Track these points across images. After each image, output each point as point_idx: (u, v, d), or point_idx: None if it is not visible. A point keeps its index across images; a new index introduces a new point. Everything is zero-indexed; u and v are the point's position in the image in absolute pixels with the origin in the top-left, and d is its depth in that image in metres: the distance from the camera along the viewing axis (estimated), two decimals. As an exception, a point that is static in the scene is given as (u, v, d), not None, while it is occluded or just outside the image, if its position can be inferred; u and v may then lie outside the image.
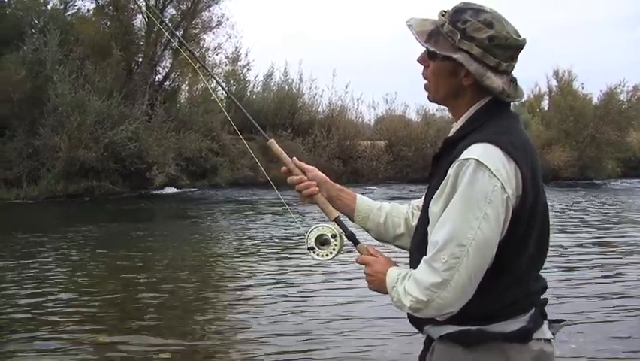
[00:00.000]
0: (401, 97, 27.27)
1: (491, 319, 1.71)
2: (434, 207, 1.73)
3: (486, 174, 1.62)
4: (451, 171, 1.68)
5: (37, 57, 21.18)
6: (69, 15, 25.58)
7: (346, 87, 31.57)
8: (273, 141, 2.21)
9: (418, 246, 1.84)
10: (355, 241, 2.01)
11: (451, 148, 1.77)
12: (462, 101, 1.82)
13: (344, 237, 2.03)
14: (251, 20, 57.93)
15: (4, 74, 20.21)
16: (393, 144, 27.56)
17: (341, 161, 27.09)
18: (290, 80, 29.36)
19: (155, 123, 21.89)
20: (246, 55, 28.96)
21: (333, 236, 2.03)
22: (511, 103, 1.82)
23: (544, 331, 1.79)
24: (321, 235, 2.04)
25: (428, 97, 1.92)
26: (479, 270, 1.64)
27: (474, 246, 1.61)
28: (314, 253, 2.04)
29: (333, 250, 2.02)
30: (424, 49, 1.82)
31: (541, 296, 1.85)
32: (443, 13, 1.80)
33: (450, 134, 1.85)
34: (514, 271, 1.71)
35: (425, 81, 1.87)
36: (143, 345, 5.57)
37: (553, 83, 33.06)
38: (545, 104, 35.24)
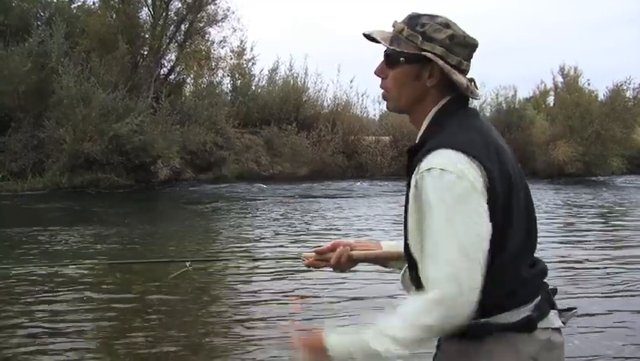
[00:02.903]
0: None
1: (494, 311, 1.71)
2: (411, 221, 1.77)
3: (452, 177, 1.65)
4: (413, 182, 1.74)
5: (42, 49, 21.19)
6: (75, 7, 25.63)
7: (351, 82, 31.48)
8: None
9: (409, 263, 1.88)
10: None
11: (414, 156, 1.81)
12: (424, 105, 1.85)
13: None
14: (256, 14, 57.83)
15: (10, 66, 20.24)
16: (398, 139, 27.45)
17: (345, 156, 27.03)
18: (295, 75, 29.30)
19: (160, 116, 21.88)
20: (251, 49, 28.93)
21: None
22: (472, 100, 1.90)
23: (552, 320, 1.80)
24: None
25: (388, 107, 1.95)
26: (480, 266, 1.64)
27: (470, 250, 1.62)
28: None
29: None
30: (380, 62, 1.88)
31: (549, 287, 1.87)
32: (398, 23, 1.86)
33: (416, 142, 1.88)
34: (504, 260, 1.71)
35: (383, 92, 1.91)
36: (147, 338, 5.60)
37: (559, 79, 32.90)
38: (551, 100, 35.09)
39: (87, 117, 19.74)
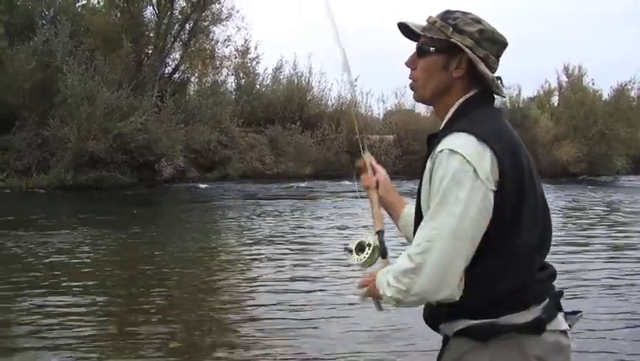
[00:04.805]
0: (410, 91, 27.05)
1: (504, 310, 1.73)
2: (424, 205, 1.80)
3: (457, 160, 1.68)
4: (428, 165, 1.78)
5: (47, 48, 21.21)
6: (79, 6, 25.62)
7: (355, 81, 31.44)
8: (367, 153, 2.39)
9: None
10: (384, 255, 2.08)
11: (431, 143, 1.84)
12: (450, 96, 1.88)
13: (376, 251, 2.09)
14: (261, 14, 57.89)
15: (15, 64, 20.29)
16: (402, 138, 27.47)
17: (350, 154, 27.03)
18: (299, 74, 29.31)
19: (164, 115, 21.89)
20: (256, 48, 28.96)
21: (368, 245, 2.10)
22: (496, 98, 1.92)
23: (560, 322, 1.81)
24: (361, 242, 2.12)
25: (414, 97, 2.01)
26: (457, 255, 1.67)
27: (446, 229, 1.66)
28: (350, 254, 2.13)
29: (363, 258, 2.10)
30: (412, 53, 1.93)
31: (556, 288, 1.87)
32: (432, 16, 1.91)
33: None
34: (511, 257, 1.73)
35: (411, 82, 1.96)
36: (151, 335, 5.61)
37: (564, 78, 32.87)
38: (555, 100, 35.06)
39: (91, 116, 19.76)
